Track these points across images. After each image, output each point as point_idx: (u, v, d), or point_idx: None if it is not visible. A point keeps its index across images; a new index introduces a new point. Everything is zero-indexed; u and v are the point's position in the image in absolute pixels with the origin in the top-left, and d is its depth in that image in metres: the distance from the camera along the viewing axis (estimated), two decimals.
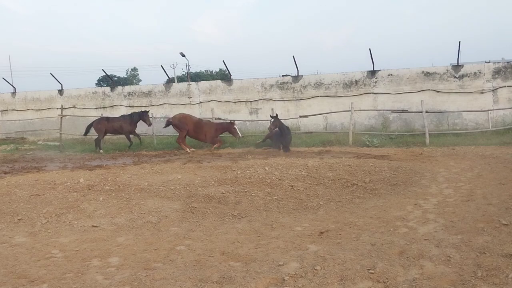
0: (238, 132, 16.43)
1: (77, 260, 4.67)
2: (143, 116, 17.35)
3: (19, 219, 6.50)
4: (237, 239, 5.13)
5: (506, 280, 3.66)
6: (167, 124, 16.72)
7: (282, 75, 21.87)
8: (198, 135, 16.09)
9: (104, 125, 17.41)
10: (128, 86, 26.12)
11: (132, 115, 17.76)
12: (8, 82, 25.72)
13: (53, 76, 24.41)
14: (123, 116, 18.12)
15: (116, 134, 18.33)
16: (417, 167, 9.54)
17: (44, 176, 10.24)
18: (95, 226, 6.04)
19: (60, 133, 20.09)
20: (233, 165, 10.84)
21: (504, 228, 5.05)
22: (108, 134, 17.91)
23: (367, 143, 15.13)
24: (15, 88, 26.10)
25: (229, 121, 17.29)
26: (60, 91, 25.21)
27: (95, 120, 17.86)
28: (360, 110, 17.69)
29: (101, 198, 7.60)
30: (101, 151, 16.68)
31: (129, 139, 17.41)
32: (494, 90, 17.95)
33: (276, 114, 15.71)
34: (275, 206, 6.81)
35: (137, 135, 17.50)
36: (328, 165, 10.07)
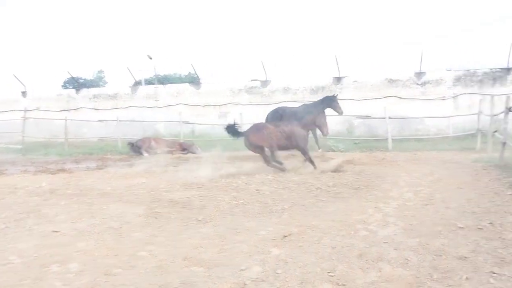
0: (199, 150, 16.62)
1: (35, 266, 4.55)
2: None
3: None
4: (200, 244, 5.12)
5: (460, 281, 3.79)
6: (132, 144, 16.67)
7: (251, 80, 21.98)
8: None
9: None
10: (94, 88, 25.70)
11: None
12: None
13: (16, 78, 23.76)
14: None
15: None
16: (379, 171, 9.75)
17: (4, 180, 9.97)
18: (56, 231, 5.90)
19: (23, 136, 19.56)
20: (199, 169, 10.81)
21: (460, 231, 5.22)
22: None
23: (333, 148, 15.36)
24: None
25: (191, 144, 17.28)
26: (24, 93, 24.61)
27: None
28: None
29: (62, 203, 7.44)
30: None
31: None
32: (454, 97, 18.57)
33: None
34: (241, 210, 6.82)
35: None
36: (294, 169, 10.18)
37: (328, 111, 14.25)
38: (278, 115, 14.14)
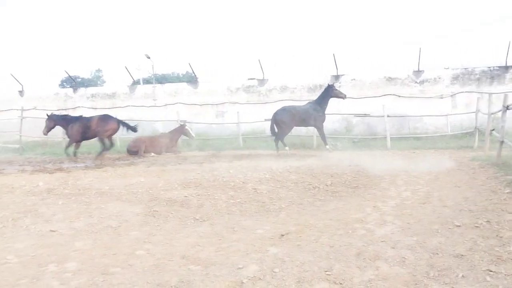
0: (191, 132, 16.56)
1: (32, 265, 4.55)
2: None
3: None
4: (198, 243, 5.12)
5: (456, 279, 3.79)
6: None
7: (248, 79, 21.96)
8: (154, 149, 15.97)
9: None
10: (91, 87, 25.68)
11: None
12: None
13: (14, 77, 23.73)
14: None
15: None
16: (377, 170, 9.75)
17: (1, 180, 9.94)
18: (53, 231, 5.90)
19: (20, 135, 19.53)
20: (197, 168, 10.82)
21: (457, 229, 5.23)
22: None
23: (331, 146, 15.34)
24: None
25: (180, 123, 17.32)
26: (21, 92, 24.57)
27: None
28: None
29: (60, 202, 7.43)
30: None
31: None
32: (452, 95, 18.58)
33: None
34: (238, 209, 6.83)
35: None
36: (292, 168, 10.18)
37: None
38: (291, 114, 14.21)
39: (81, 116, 13.81)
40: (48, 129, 13.98)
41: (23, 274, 4.30)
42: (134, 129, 13.39)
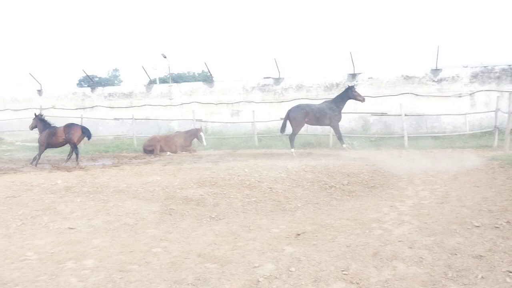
0: (204, 139, 16.47)
1: (51, 262, 4.62)
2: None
3: None
4: (214, 241, 5.14)
5: (475, 280, 3.74)
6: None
7: (264, 77, 21.92)
8: (170, 148, 16.02)
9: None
10: (109, 87, 25.94)
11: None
12: None
13: (32, 76, 24.08)
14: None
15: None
16: (394, 169, 9.65)
17: (20, 178, 10.08)
18: (71, 228, 5.98)
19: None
20: (213, 167, 10.83)
21: (476, 230, 5.15)
22: None
23: (347, 145, 15.22)
24: None
25: (196, 127, 17.32)
26: (39, 91, 24.92)
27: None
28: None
29: (78, 200, 7.52)
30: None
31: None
32: (471, 94, 18.30)
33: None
34: (253, 208, 6.83)
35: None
36: (307, 167, 10.13)
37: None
38: (304, 112, 14.07)
39: (53, 125, 14.33)
40: (32, 127, 15.03)
41: (42, 270, 4.37)
42: (89, 137, 13.90)
